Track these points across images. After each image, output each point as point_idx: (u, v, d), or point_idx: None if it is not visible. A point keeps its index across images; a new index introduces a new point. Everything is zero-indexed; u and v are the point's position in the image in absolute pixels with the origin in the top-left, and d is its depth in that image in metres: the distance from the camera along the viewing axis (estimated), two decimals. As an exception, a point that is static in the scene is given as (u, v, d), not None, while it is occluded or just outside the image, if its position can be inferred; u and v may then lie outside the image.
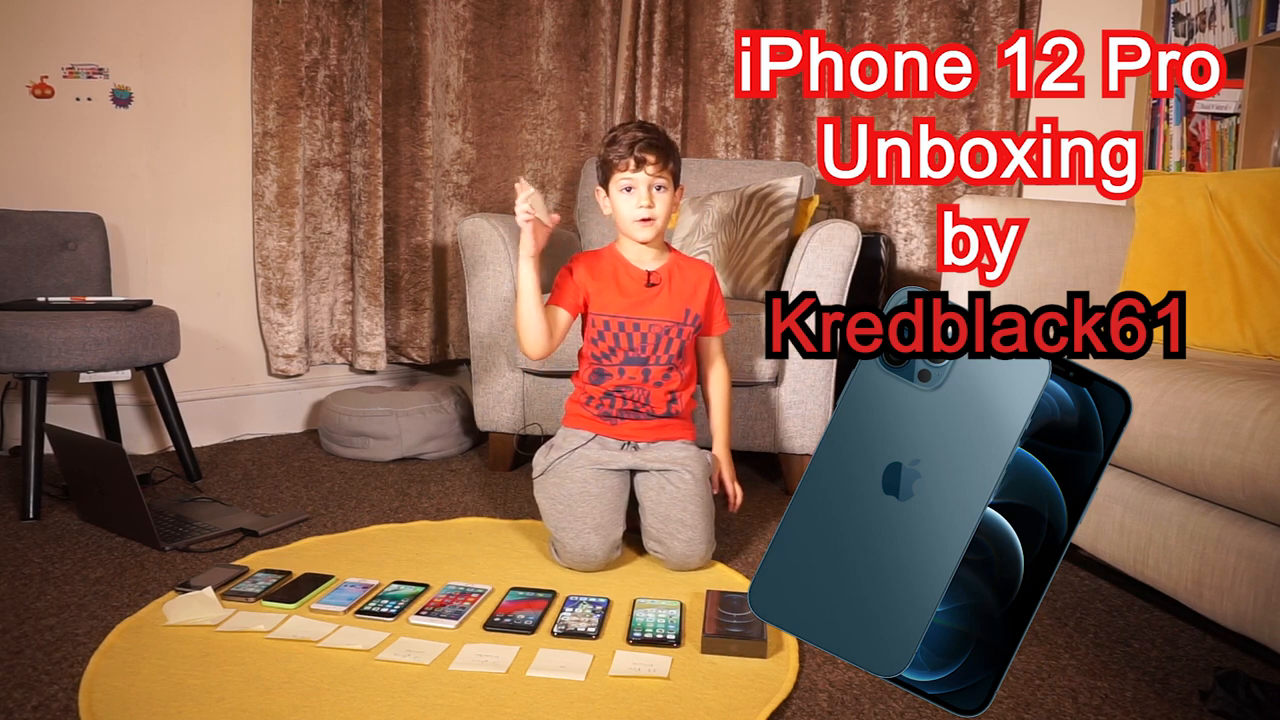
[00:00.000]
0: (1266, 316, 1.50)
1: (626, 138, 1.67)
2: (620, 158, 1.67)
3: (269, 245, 2.61)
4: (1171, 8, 2.63)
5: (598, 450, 1.70)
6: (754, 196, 2.35)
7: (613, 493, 1.66)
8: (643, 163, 1.66)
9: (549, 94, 3.06)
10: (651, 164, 1.66)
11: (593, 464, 1.68)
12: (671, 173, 1.70)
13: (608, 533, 1.60)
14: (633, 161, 1.66)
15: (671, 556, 1.62)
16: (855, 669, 1.27)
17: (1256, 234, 1.54)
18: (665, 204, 1.69)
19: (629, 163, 1.66)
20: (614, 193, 1.71)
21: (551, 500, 1.65)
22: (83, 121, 2.39)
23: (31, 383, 1.90)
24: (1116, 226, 1.77)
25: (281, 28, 2.55)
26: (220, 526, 1.80)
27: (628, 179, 1.67)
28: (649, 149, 1.66)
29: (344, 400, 2.48)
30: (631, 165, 1.66)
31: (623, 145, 1.67)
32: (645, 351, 1.71)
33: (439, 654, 1.27)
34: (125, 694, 1.15)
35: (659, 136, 1.69)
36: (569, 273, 1.75)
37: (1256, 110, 2.31)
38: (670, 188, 1.70)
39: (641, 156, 1.66)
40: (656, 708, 1.15)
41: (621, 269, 1.75)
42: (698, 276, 1.77)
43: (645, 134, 1.68)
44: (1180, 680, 1.27)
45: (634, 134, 1.67)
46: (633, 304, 1.72)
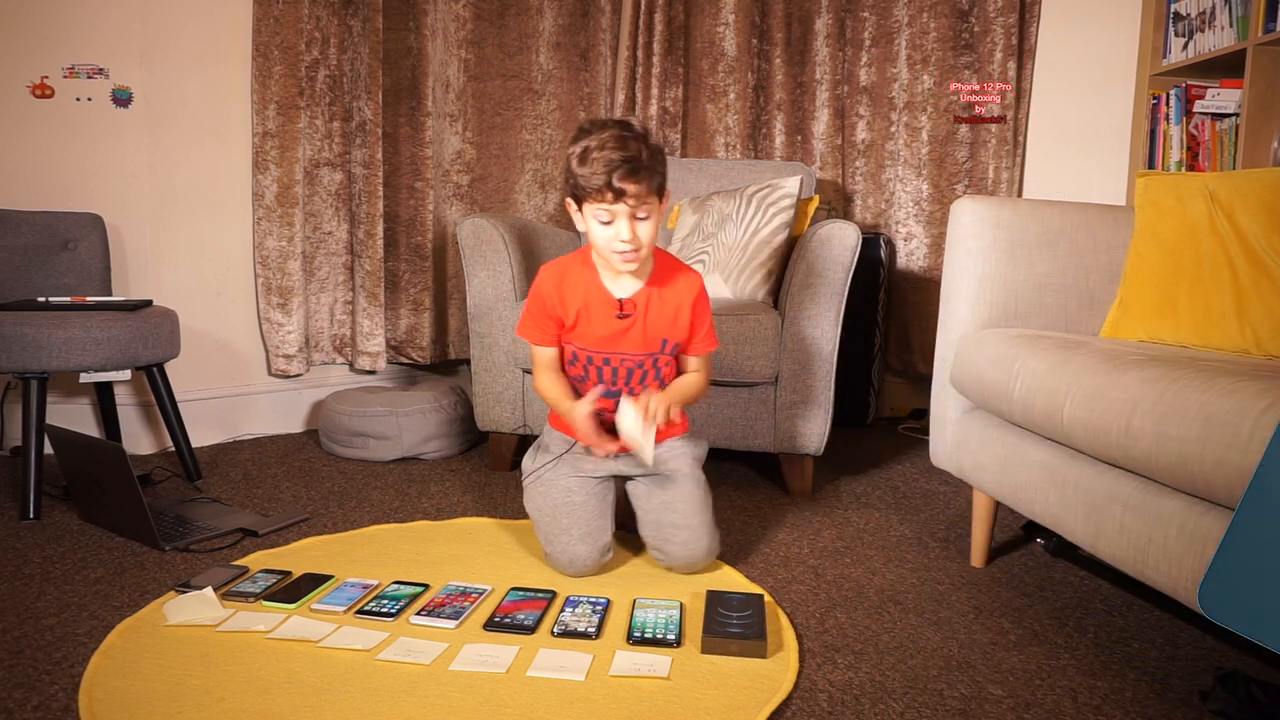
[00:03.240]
0: (1266, 316, 1.50)
1: (601, 158, 1.40)
2: (595, 188, 1.42)
3: (269, 245, 2.61)
4: (1171, 8, 2.63)
5: (581, 458, 1.64)
6: (754, 196, 2.35)
7: (596, 498, 1.62)
8: (622, 194, 1.41)
9: (549, 94, 3.06)
10: (632, 195, 1.41)
11: (576, 472, 1.63)
12: (655, 190, 1.46)
13: (595, 540, 1.58)
14: (610, 194, 1.41)
15: (672, 560, 1.60)
16: (856, 669, 1.27)
17: (1256, 234, 1.54)
18: (650, 231, 1.47)
19: (605, 195, 1.41)
20: (588, 215, 1.47)
21: (538, 510, 1.62)
22: (83, 121, 2.39)
23: (32, 383, 1.90)
24: (1116, 226, 1.77)
25: (281, 28, 2.55)
26: (220, 526, 1.80)
27: (605, 211, 1.44)
28: (630, 176, 1.40)
29: (344, 400, 2.48)
30: (609, 197, 1.41)
31: (598, 169, 1.40)
32: (617, 384, 1.62)
33: (439, 654, 1.28)
34: (125, 694, 1.15)
35: (639, 152, 1.41)
36: (540, 303, 1.58)
37: (1256, 110, 2.32)
38: (655, 211, 1.47)
39: (620, 188, 1.40)
40: (656, 708, 1.15)
41: (594, 293, 1.57)
42: (679, 298, 1.59)
43: (623, 154, 1.40)
44: (1180, 680, 1.27)
45: (609, 154, 1.39)
46: (602, 339, 1.58)
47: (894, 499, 2.16)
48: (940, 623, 1.45)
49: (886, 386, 3.16)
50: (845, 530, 1.91)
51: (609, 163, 1.40)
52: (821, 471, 2.37)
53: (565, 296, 1.58)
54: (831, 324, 2.06)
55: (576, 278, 1.58)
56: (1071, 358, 1.36)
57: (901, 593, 1.57)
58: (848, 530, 1.91)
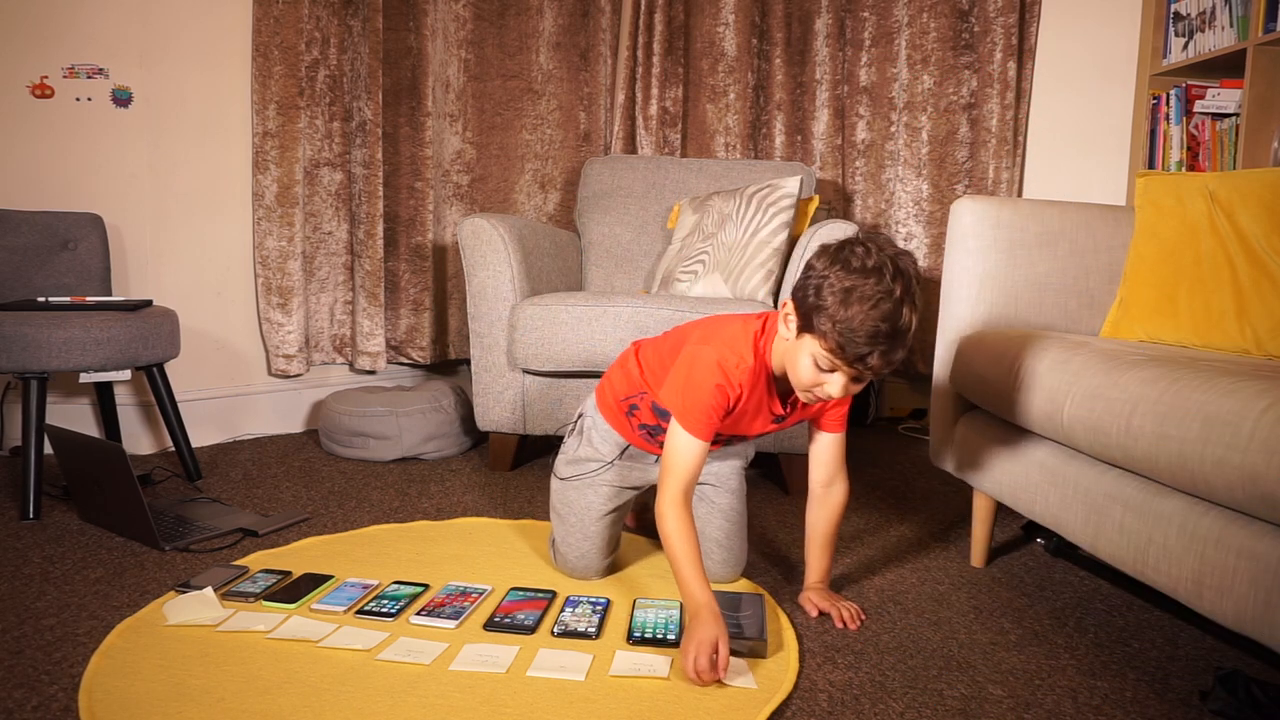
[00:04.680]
0: (1266, 316, 1.50)
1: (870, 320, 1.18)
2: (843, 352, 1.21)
3: (269, 245, 2.61)
4: (1171, 8, 2.63)
5: (626, 468, 1.57)
6: (754, 196, 2.35)
7: (622, 511, 1.61)
8: (868, 368, 1.23)
9: (549, 94, 3.06)
10: (874, 370, 1.24)
11: (620, 481, 1.56)
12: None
13: (610, 549, 1.59)
14: (858, 364, 1.22)
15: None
16: (856, 669, 1.27)
17: (1256, 234, 1.54)
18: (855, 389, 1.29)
19: (851, 362, 1.22)
20: (808, 348, 1.26)
21: (568, 509, 1.56)
22: (83, 121, 2.39)
23: (31, 383, 1.90)
24: (1116, 226, 1.77)
25: (281, 28, 2.55)
26: (220, 526, 1.80)
27: (834, 365, 1.24)
28: (885, 360, 1.21)
29: (344, 400, 2.48)
30: (855, 365, 1.23)
31: (860, 335, 1.19)
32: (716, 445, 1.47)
33: (439, 654, 1.28)
34: (125, 694, 1.15)
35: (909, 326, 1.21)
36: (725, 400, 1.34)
37: (1256, 110, 2.32)
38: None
39: (872, 365, 1.22)
40: (656, 708, 1.15)
41: (766, 401, 1.41)
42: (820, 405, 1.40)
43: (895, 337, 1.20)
44: (1180, 680, 1.27)
45: (879, 324, 1.18)
46: (746, 429, 1.45)
47: (894, 499, 2.16)
48: (940, 623, 1.45)
49: (886, 386, 3.16)
50: (845, 530, 1.91)
51: (875, 334, 1.19)
52: (821, 471, 2.36)
53: (745, 394, 1.37)
54: (831, 324, 2.06)
55: (760, 390, 1.39)
56: (1071, 358, 1.36)
57: (901, 593, 1.57)
58: (847, 530, 1.91)
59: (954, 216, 1.75)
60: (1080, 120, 2.84)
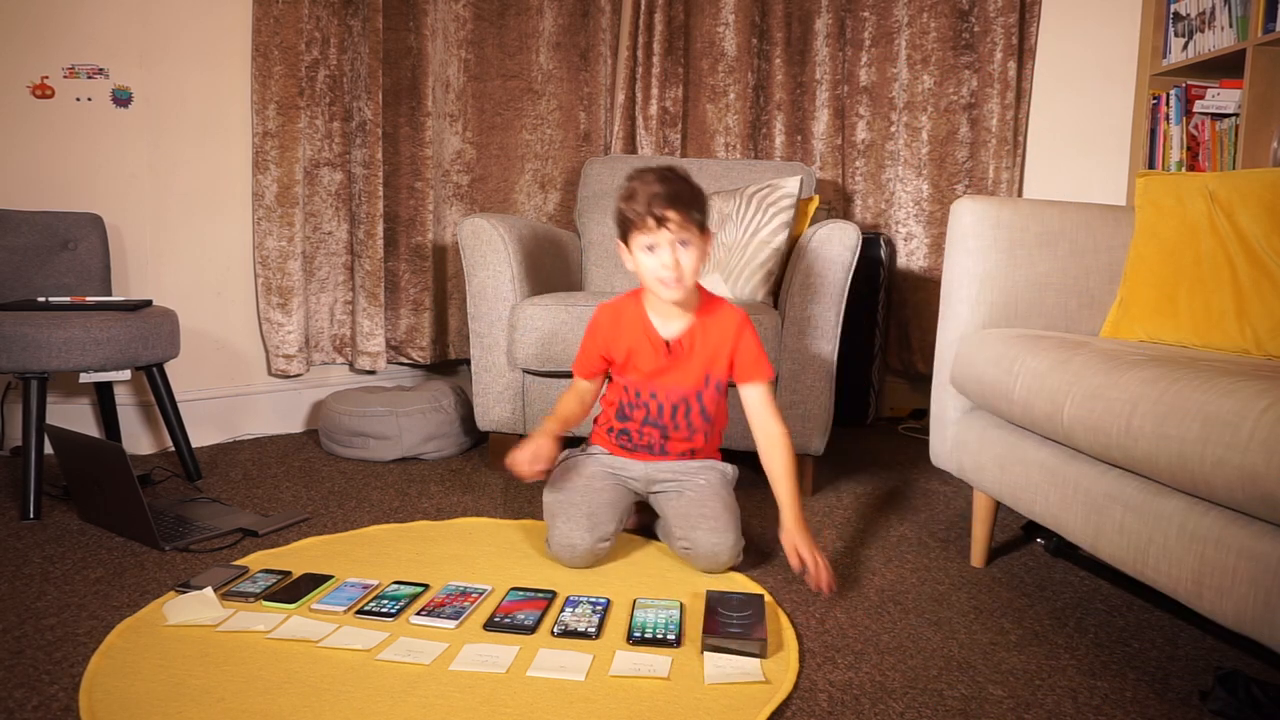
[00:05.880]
0: (1266, 316, 1.50)
1: (644, 193, 1.53)
2: (638, 215, 1.53)
3: (269, 245, 2.61)
4: (1171, 8, 2.63)
5: (613, 460, 1.77)
6: (754, 196, 2.35)
7: (613, 491, 1.69)
8: (663, 220, 1.52)
9: (549, 94, 3.06)
10: (673, 221, 1.52)
11: (605, 466, 1.74)
12: (696, 224, 1.56)
13: (596, 524, 1.60)
14: (651, 220, 1.52)
15: (699, 548, 1.58)
16: (856, 669, 1.27)
17: (1256, 234, 1.54)
18: (692, 260, 1.56)
19: (648, 221, 1.52)
20: (636, 250, 1.58)
21: (556, 488, 1.69)
22: (83, 121, 2.39)
23: (32, 383, 1.90)
24: (1116, 226, 1.77)
25: (281, 28, 2.55)
26: (220, 526, 1.80)
27: (649, 238, 1.54)
28: (669, 204, 1.51)
29: (344, 400, 2.48)
30: (651, 224, 1.52)
31: (640, 202, 1.52)
32: (663, 420, 1.71)
33: (439, 654, 1.28)
34: (125, 694, 1.15)
35: (680, 187, 1.54)
36: (593, 339, 1.72)
37: (1256, 110, 2.32)
38: (697, 241, 1.56)
39: (661, 214, 1.51)
40: (656, 708, 1.15)
41: (645, 332, 1.67)
42: (721, 333, 1.66)
43: (664, 186, 1.52)
44: (1180, 680, 1.27)
45: (652, 188, 1.52)
46: (649, 374, 1.68)
47: (894, 499, 2.16)
48: (940, 623, 1.45)
49: (886, 386, 3.16)
50: (845, 530, 1.91)
51: (651, 193, 1.52)
52: (821, 471, 2.37)
53: (618, 334, 1.69)
54: (831, 324, 2.07)
55: (630, 319, 1.69)
56: (1071, 358, 1.36)
57: (901, 593, 1.57)
58: (848, 530, 1.91)
59: (954, 216, 1.75)
60: (1080, 120, 2.84)
